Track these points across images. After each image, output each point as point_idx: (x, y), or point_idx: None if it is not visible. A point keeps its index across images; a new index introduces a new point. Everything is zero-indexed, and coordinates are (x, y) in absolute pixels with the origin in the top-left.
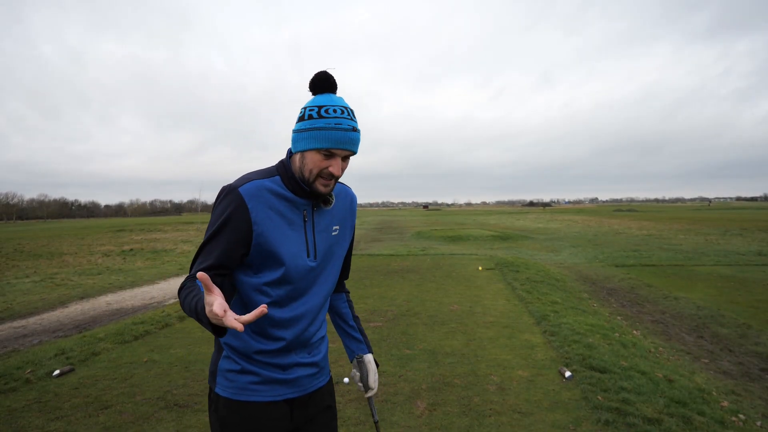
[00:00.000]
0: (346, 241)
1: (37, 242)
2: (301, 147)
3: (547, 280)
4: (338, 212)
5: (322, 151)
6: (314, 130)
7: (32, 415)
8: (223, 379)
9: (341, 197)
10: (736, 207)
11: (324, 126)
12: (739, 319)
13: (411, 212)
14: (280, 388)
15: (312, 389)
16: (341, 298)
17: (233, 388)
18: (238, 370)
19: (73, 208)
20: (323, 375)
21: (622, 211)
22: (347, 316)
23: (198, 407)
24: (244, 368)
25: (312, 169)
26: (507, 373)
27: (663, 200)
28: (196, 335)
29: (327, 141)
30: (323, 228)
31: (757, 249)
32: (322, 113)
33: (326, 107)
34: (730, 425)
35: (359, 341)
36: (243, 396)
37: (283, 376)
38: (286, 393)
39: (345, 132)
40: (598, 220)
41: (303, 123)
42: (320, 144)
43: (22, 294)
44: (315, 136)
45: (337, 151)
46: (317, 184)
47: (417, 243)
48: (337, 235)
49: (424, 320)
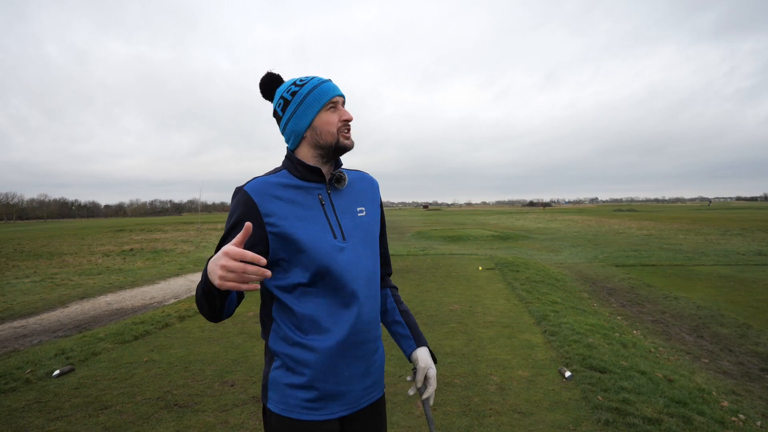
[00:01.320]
0: (377, 224)
1: (37, 242)
2: (307, 120)
3: (547, 280)
4: (361, 194)
5: (328, 105)
6: (308, 96)
7: (32, 415)
8: (274, 393)
9: (362, 181)
10: (736, 207)
11: (311, 87)
12: (739, 319)
13: (411, 212)
14: (334, 405)
15: (364, 405)
16: (385, 293)
17: (285, 403)
18: (290, 384)
19: (73, 208)
20: (377, 389)
21: (623, 211)
22: (393, 311)
23: (198, 407)
24: (295, 381)
25: (330, 128)
26: (507, 373)
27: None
28: (196, 335)
29: (324, 94)
30: (345, 209)
31: (757, 249)
32: (298, 83)
33: (293, 82)
34: (730, 425)
35: (407, 337)
36: (295, 413)
37: (337, 388)
38: (340, 410)
39: (327, 82)
40: (598, 220)
41: (290, 105)
42: (323, 100)
43: (22, 294)
44: (313, 99)
45: (338, 98)
46: (342, 140)
47: (417, 243)
48: (365, 216)
49: (424, 320)
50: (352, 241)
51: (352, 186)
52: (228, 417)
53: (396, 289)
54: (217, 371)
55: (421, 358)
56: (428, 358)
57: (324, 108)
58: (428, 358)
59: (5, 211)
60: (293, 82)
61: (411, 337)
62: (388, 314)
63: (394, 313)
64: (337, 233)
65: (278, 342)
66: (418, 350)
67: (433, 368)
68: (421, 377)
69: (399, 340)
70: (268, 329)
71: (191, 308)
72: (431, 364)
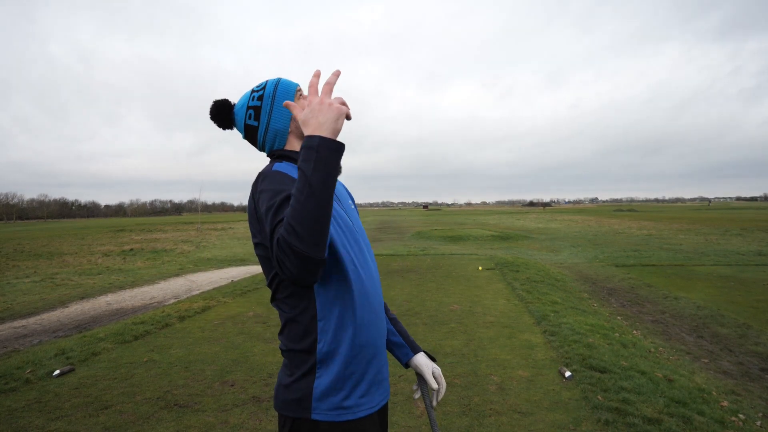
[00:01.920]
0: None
1: (37, 242)
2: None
3: (547, 280)
4: (344, 190)
5: (297, 95)
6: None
7: (32, 415)
8: (321, 403)
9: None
10: (736, 207)
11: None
12: (739, 319)
13: (411, 212)
14: (377, 393)
15: (384, 402)
16: None
17: (336, 408)
18: (339, 384)
19: (73, 208)
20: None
21: (623, 211)
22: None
23: (198, 407)
24: (345, 373)
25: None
26: (507, 373)
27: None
28: (196, 335)
29: (290, 86)
30: (343, 199)
31: (756, 249)
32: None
33: (251, 91)
34: (730, 425)
35: (402, 345)
36: (347, 415)
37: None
38: (380, 400)
39: (282, 78)
40: (598, 220)
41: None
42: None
43: (22, 294)
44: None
45: (299, 88)
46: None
47: (417, 243)
48: (355, 210)
49: (424, 320)
50: (358, 230)
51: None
52: (228, 417)
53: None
54: (217, 371)
55: (422, 362)
56: (428, 360)
57: (296, 99)
58: (428, 360)
59: (5, 211)
60: (251, 91)
61: (405, 345)
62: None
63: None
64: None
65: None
66: (416, 356)
67: (438, 367)
68: (431, 379)
69: (394, 348)
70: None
71: (191, 308)
72: (432, 364)
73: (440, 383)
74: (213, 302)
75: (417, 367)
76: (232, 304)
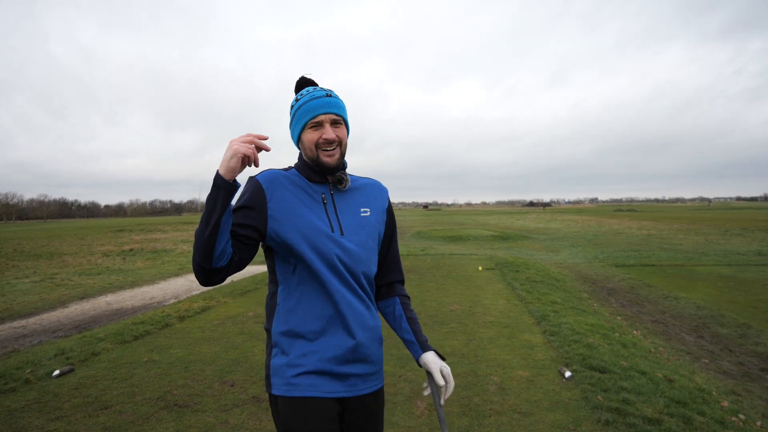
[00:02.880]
0: (381, 224)
1: (37, 242)
2: (295, 135)
3: (547, 280)
4: (368, 198)
5: (310, 124)
6: (297, 113)
7: (32, 415)
8: (277, 378)
9: (371, 187)
10: (736, 207)
11: (301, 104)
12: (739, 319)
13: (411, 212)
14: (333, 383)
15: (363, 392)
16: (394, 302)
17: (287, 384)
18: (289, 364)
19: (73, 208)
20: (376, 378)
21: (622, 211)
22: (400, 318)
23: (198, 407)
24: (294, 362)
25: (310, 146)
26: (507, 373)
27: (663, 200)
28: (196, 335)
29: (307, 113)
30: (346, 208)
31: (757, 249)
32: (298, 97)
33: (300, 93)
34: (730, 425)
35: (413, 343)
36: (298, 391)
37: (335, 368)
38: (339, 391)
39: (320, 99)
40: (598, 220)
41: (290, 117)
42: (304, 119)
43: (22, 294)
44: (298, 116)
45: (321, 117)
46: (322, 157)
47: (417, 243)
48: (368, 216)
49: (424, 320)
50: (350, 236)
51: (360, 190)
52: (228, 417)
53: (407, 297)
54: (217, 371)
55: (430, 360)
56: (437, 359)
57: (306, 127)
58: (437, 358)
59: (5, 211)
60: (299, 94)
61: (415, 342)
62: (395, 322)
63: (401, 320)
64: (335, 227)
65: (280, 327)
66: (425, 354)
67: (446, 366)
68: (438, 375)
69: (408, 347)
70: (272, 316)
71: (191, 308)
72: (441, 362)
73: (448, 381)
74: (213, 302)
75: (426, 365)
76: (232, 304)
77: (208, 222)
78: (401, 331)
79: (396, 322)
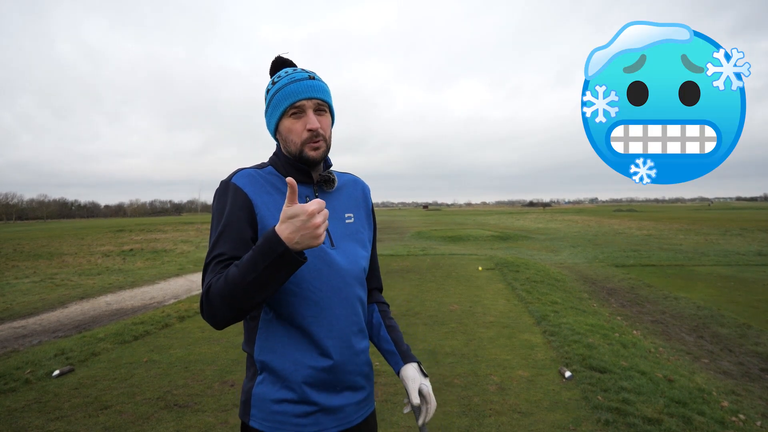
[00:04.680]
0: (366, 231)
1: (37, 242)
2: (272, 124)
3: (547, 280)
4: (349, 200)
5: (289, 111)
6: (274, 98)
7: (32, 415)
8: (258, 410)
9: (351, 186)
10: (736, 207)
11: (279, 87)
12: (739, 319)
13: (411, 212)
14: (326, 420)
15: (357, 421)
16: (372, 309)
17: (271, 421)
18: (277, 399)
19: (73, 208)
20: (369, 402)
21: (622, 211)
22: (379, 326)
23: (198, 407)
24: (284, 396)
25: (293, 138)
26: (507, 373)
27: (663, 200)
28: (196, 335)
29: (286, 98)
30: (333, 214)
31: (757, 249)
32: (275, 80)
33: (278, 75)
34: (730, 425)
35: (392, 353)
36: (282, 430)
37: (329, 402)
38: (332, 426)
39: (301, 81)
40: (598, 220)
41: (266, 102)
42: (283, 104)
43: (22, 294)
44: (275, 102)
45: (303, 102)
46: (306, 151)
47: (417, 243)
48: (353, 223)
49: (424, 320)
50: (342, 246)
51: (341, 190)
52: (228, 417)
53: (386, 305)
54: (217, 371)
55: (409, 376)
56: (417, 374)
57: (285, 114)
58: (417, 374)
59: (5, 211)
60: (276, 76)
61: (396, 353)
62: (374, 330)
63: (380, 328)
64: (325, 239)
65: (265, 352)
66: (405, 367)
67: (427, 384)
68: (415, 394)
69: (388, 357)
70: (254, 338)
71: (191, 308)
72: (422, 379)
73: (428, 401)
74: None
75: (403, 380)
76: None
77: (262, 289)
78: (380, 341)
79: (374, 330)
